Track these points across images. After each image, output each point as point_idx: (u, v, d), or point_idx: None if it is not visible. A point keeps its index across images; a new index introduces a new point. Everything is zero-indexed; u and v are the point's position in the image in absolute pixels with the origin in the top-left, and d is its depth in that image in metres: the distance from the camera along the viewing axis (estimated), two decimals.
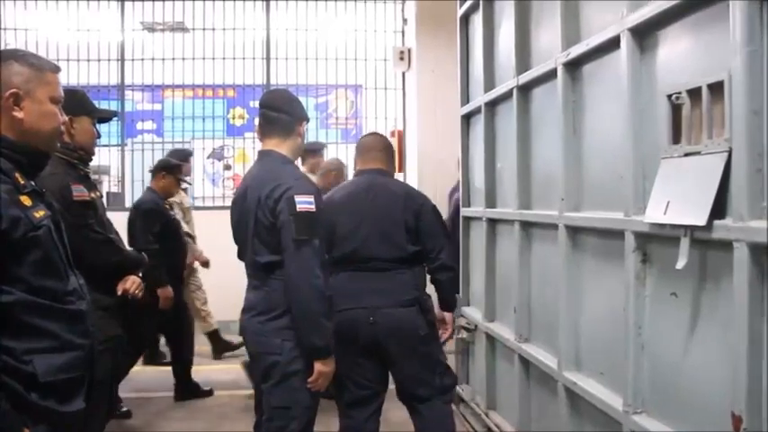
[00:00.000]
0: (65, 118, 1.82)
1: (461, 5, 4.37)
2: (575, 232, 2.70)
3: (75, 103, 2.68)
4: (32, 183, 1.70)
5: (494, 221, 3.78)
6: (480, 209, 3.93)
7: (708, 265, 1.85)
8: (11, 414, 1.52)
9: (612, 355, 2.38)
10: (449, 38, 5.04)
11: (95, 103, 3.11)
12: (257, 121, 2.73)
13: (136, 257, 3.16)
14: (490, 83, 3.77)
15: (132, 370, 4.42)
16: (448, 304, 3.14)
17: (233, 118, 8.00)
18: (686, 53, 1.98)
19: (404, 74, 7.61)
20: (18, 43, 7.08)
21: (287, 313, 2.45)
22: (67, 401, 1.67)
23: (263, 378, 2.54)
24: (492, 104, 3.77)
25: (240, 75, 7.60)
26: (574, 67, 2.67)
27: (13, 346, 1.56)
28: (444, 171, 5.99)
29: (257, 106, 2.74)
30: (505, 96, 3.48)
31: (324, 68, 7.71)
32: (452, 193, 5.16)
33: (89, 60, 7.51)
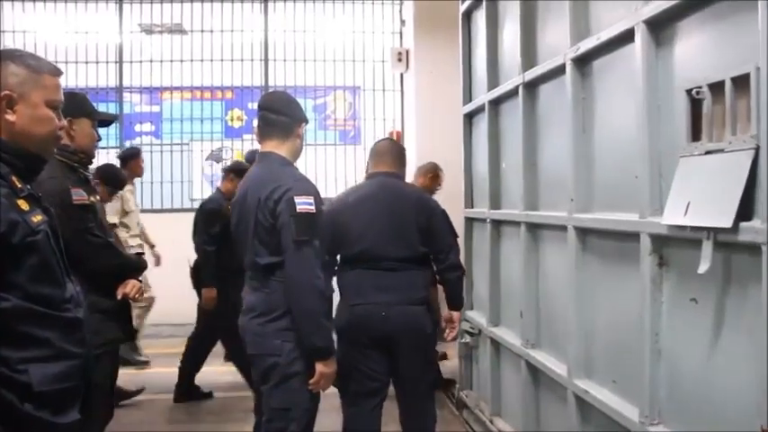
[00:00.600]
0: (63, 122, 1.75)
1: (463, 2, 4.31)
2: (584, 234, 2.64)
3: (75, 105, 2.65)
4: (29, 187, 1.64)
5: (498, 223, 3.72)
6: (484, 210, 3.86)
7: (732, 270, 1.76)
8: None
9: (626, 362, 2.30)
10: (447, 39, 5.02)
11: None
12: (256, 123, 2.76)
13: (136, 261, 3.15)
14: (494, 80, 3.71)
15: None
16: (456, 303, 3.21)
17: (231, 120, 7.96)
18: (706, 46, 1.89)
19: (402, 75, 7.57)
20: (16, 45, 7.05)
21: (287, 315, 2.45)
22: (62, 413, 1.61)
23: (262, 379, 2.55)
24: (496, 102, 3.71)
25: (238, 76, 7.60)
26: (583, 62, 2.60)
27: (8, 354, 1.51)
28: (444, 171, 5.94)
29: (255, 108, 2.77)
30: (510, 94, 3.42)
31: (322, 70, 7.72)
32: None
33: (87, 62, 7.50)
